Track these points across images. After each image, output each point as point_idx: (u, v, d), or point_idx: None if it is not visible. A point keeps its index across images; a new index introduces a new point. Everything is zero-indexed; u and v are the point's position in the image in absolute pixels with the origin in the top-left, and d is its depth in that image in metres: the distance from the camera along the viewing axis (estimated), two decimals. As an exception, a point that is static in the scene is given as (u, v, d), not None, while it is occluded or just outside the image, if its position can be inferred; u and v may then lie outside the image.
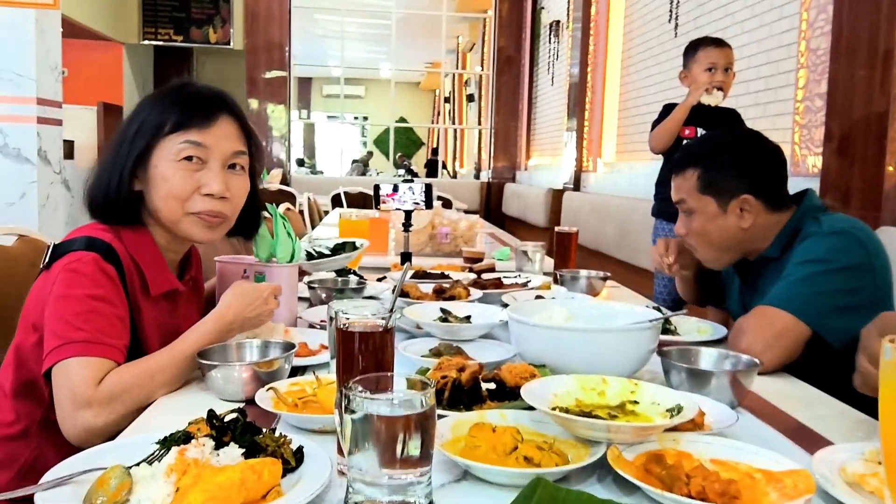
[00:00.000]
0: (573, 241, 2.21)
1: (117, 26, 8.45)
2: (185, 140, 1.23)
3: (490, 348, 1.38)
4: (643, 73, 5.43)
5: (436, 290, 1.68)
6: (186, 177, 1.23)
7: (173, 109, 1.24)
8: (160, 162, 1.23)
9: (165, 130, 1.23)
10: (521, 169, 9.05)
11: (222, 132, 1.26)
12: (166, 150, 1.23)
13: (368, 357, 0.85)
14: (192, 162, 1.23)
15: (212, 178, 1.24)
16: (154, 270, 1.26)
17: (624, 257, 4.64)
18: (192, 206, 1.24)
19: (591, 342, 1.18)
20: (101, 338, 1.11)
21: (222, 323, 1.21)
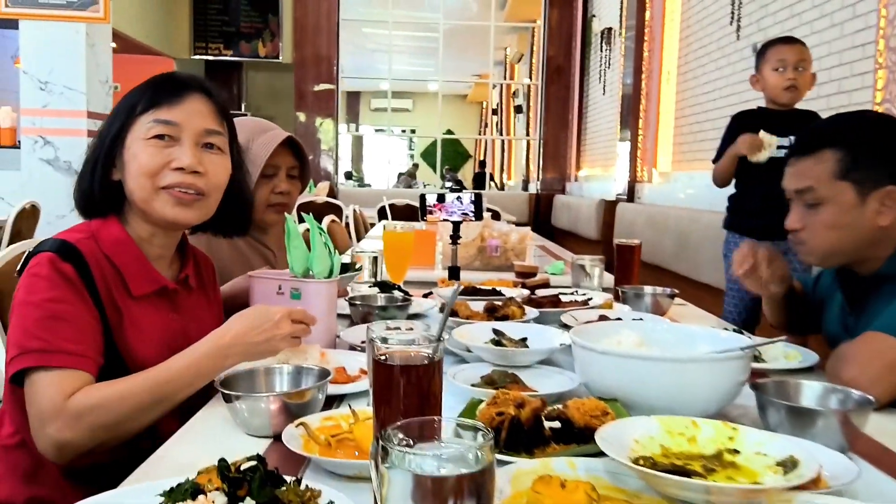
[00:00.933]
0: (636, 255, 2.03)
1: (169, 42, 8.57)
2: (155, 119, 1.18)
3: (550, 376, 1.22)
4: (702, 79, 5.20)
5: (487, 309, 1.53)
6: (155, 153, 1.17)
7: (145, 92, 1.20)
8: (132, 143, 1.18)
9: (137, 111, 1.19)
10: (571, 180, 8.84)
11: (192, 108, 1.21)
12: (137, 130, 1.18)
13: (411, 394, 0.71)
14: (163, 140, 1.18)
15: (182, 153, 1.18)
16: (134, 269, 1.18)
17: (683, 271, 4.41)
18: (162, 180, 1.17)
19: (674, 373, 1.01)
20: (61, 345, 1.05)
21: (217, 346, 1.10)
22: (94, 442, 1.03)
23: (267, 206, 1.81)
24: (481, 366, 1.25)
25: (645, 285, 1.96)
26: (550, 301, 1.64)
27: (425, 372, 0.70)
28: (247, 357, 1.12)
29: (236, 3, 8.82)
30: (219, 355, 1.10)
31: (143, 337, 1.17)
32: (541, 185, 9.04)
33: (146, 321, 1.18)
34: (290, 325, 1.14)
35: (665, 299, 1.90)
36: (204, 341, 1.11)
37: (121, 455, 1.13)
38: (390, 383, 0.70)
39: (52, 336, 1.05)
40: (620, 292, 1.92)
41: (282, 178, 1.82)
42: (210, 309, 1.36)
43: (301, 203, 6.52)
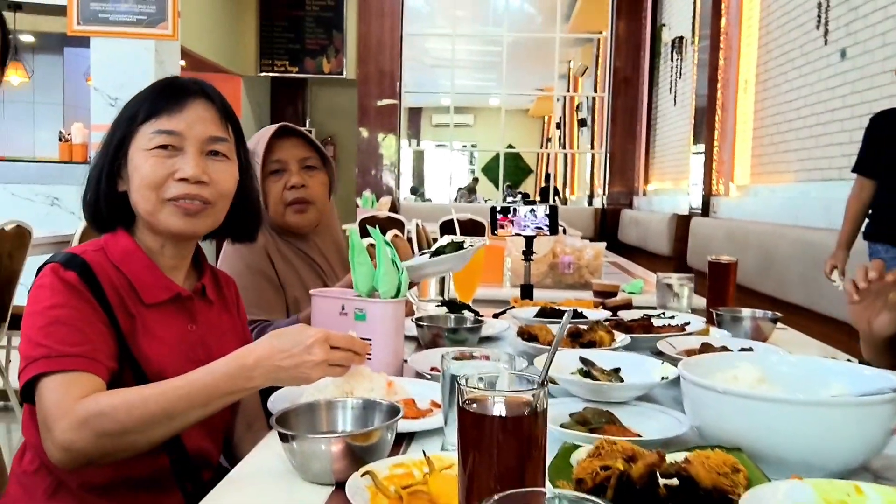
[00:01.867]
0: (731, 274, 1.83)
1: (236, 59, 8.69)
2: (156, 129, 1.11)
3: (652, 417, 1.05)
4: (783, 87, 4.92)
5: (571, 334, 1.36)
6: (158, 163, 1.11)
7: (145, 100, 1.14)
8: (135, 154, 1.12)
9: (138, 121, 1.12)
10: (639, 194, 8.56)
11: (195, 116, 1.13)
12: (139, 141, 1.12)
13: (509, 453, 0.55)
14: (165, 150, 1.11)
15: (186, 163, 1.11)
16: (145, 277, 1.12)
17: (769, 290, 4.14)
18: (166, 192, 1.11)
19: (812, 419, 0.83)
20: (64, 349, 0.99)
21: (240, 366, 0.99)
22: (100, 451, 0.95)
23: (285, 205, 1.69)
24: (570, 401, 1.09)
25: (743, 307, 1.76)
26: (641, 325, 1.46)
27: (527, 425, 0.55)
28: (274, 382, 1.01)
29: (302, 21, 8.89)
30: (240, 376, 0.99)
31: (158, 345, 1.10)
32: (607, 199, 8.79)
33: (162, 329, 1.11)
34: (326, 352, 1.00)
35: (766, 323, 1.70)
36: (227, 359, 1.00)
37: (142, 471, 1.06)
38: (481, 437, 0.55)
39: (53, 341, 0.99)
40: (715, 315, 1.73)
41: (293, 171, 1.69)
42: (234, 327, 1.27)
43: (363, 218, 6.48)
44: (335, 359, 1.02)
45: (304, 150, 1.72)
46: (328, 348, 1.01)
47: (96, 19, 5.32)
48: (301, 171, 1.70)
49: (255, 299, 1.60)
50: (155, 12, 5.41)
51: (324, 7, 8.87)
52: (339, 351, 1.02)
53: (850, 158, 3.95)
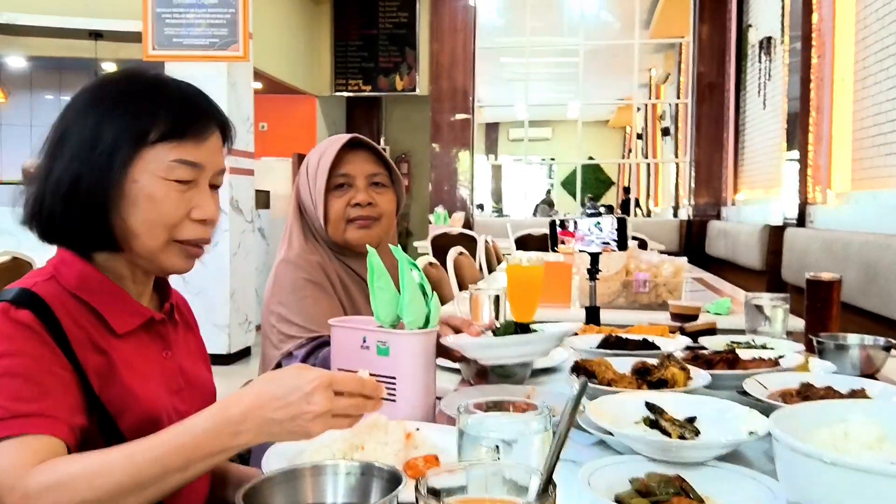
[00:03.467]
0: (835, 294, 1.56)
1: (311, 80, 8.78)
2: (180, 159, 0.97)
3: (736, 483, 0.82)
4: (885, 84, 4.49)
5: (637, 370, 1.14)
6: (178, 199, 0.97)
7: (160, 113, 0.96)
8: (142, 176, 0.96)
9: (150, 139, 0.95)
10: (728, 204, 8.09)
11: (214, 147, 1.01)
12: (151, 163, 0.96)
13: None
14: (185, 184, 0.98)
15: (204, 201, 0.98)
16: (113, 302, 0.97)
17: (874, 307, 3.73)
18: (181, 232, 0.98)
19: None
20: (15, 408, 0.83)
21: (222, 420, 0.81)
22: None
23: (346, 222, 1.54)
24: (630, 461, 0.87)
25: (847, 333, 1.49)
26: (724, 359, 1.22)
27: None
28: (267, 438, 0.83)
29: (375, 39, 8.91)
30: (225, 432, 0.81)
31: (142, 381, 0.95)
32: (693, 210, 8.36)
33: (141, 360, 0.97)
34: (329, 399, 0.81)
35: (878, 352, 1.43)
36: (208, 412, 0.83)
37: None
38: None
39: (4, 399, 0.83)
40: (815, 343, 1.46)
41: (359, 187, 1.55)
42: (199, 347, 1.15)
43: (435, 234, 6.36)
44: (340, 408, 0.83)
45: (374, 165, 1.59)
46: (332, 395, 0.82)
47: (170, 44, 5.41)
48: (368, 187, 1.57)
49: (313, 312, 1.45)
50: (227, 34, 5.46)
51: (397, 24, 8.87)
52: (346, 398, 0.83)
53: (968, 159, 3.53)
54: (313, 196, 1.54)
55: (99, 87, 1.01)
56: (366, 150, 1.59)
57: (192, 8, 5.34)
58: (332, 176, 1.53)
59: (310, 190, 1.56)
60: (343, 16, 8.87)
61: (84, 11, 5.87)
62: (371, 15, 8.82)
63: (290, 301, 1.45)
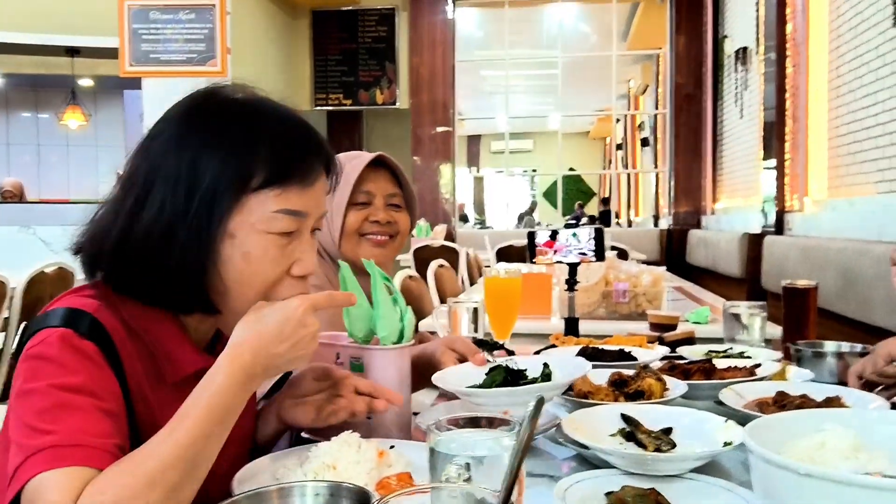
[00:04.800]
0: (811, 301, 1.57)
1: (291, 95, 8.63)
2: (285, 209, 0.84)
3: (712, 495, 0.81)
4: (859, 93, 4.55)
5: (613, 382, 1.13)
6: (278, 255, 0.85)
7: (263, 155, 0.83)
8: (240, 230, 0.83)
9: (253, 185, 0.83)
10: (707, 213, 8.16)
11: (321, 192, 0.90)
12: (252, 214, 0.83)
13: None
14: (287, 237, 0.86)
15: (305, 254, 0.87)
16: (172, 346, 0.87)
17: (851, 313, 3.76)
18: (277, 292, 0.87)
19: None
20: (79, 438, 0.73)
21: (237, 369, 0.80)
22: None
23: (360, 236, 1.52)
24: (606, 475, 0.86)
25: (825, 340, 1.50)
26: (701, 368, 1.21)
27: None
28: (274, 372, 0.85)
29: (355, 53, 8.91)
30: (241, 381, 0.80)
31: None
32: (673, 219, 8.41)
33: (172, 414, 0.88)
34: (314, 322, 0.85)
35: (855, 359, 1.43)
36: (218, 367, 0.80)
37: None
38: None
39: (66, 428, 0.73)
40: (793, 350, 1.46)
41: (378, 205, 1.54)
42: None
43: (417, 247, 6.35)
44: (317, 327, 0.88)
45: (393, 185, 1.58)
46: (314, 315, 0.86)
47: (147, 60, 5.38)
48: (386, 207, 1.56)
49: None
50: (204, 50, 5.44)
51: (376, 38, 8.88)
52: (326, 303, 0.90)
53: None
54: (329, 208, 1.53)
55: (192, 115, 0.88)
56: (385, 169, 1.58)
57: (168, 24, 5.32)
58: (354, 192, 1.52)
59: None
60: (322, 30, 8.88)
61: (60, 28, 5.83)
62: (350, 29, 8.83)
63: None
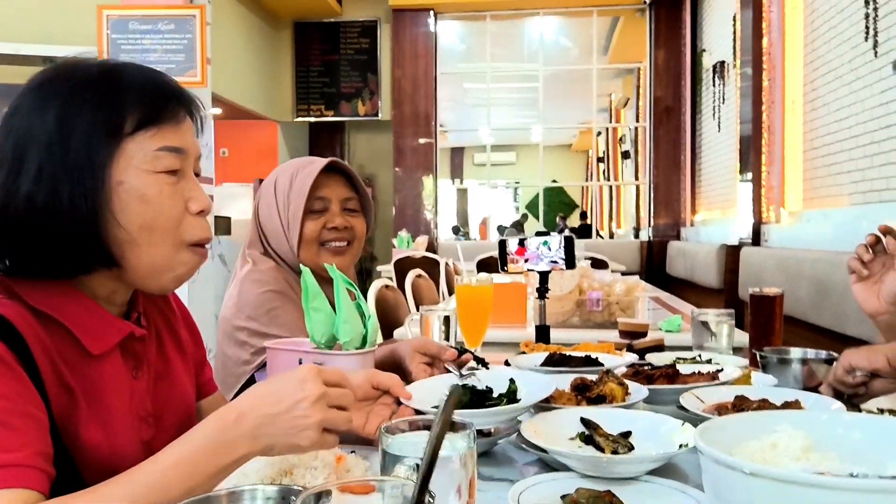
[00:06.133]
0: (777, 308, 1.58)
1: (273, 106, 8.76)
2: (164, 146, 0.85)
3: (666, 497, 0.82)
4: (833, 106, 4.62)
5: (575, 387, 1.14)
6: (172, 192, 0.85)
7: (131, 101, 0.84)
8: (127, 176, 0.83)
9: (126, 131, 0.83)
10: (686, 225, 8.22)
11: (190, 129, 0.90)
12: (134, 158, 0.83)
13: None
14: (174, 176, 0.86)
15: (193, 189, 0.87)
16: (87, 319, 0.84)
17: (825, 323, 3.80)
18: (188, 233, 0.87)
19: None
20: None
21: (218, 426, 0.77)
22: None
23: (319, 245, 1.53)
24: (563, 478, 0.86)
25: (791, 347, 1.51)
26: (665, 374, 1.22)
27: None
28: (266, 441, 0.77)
29: (337, 65, 8.93)
30: (221, 440, 0.76)
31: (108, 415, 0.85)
32: (653, 231, 8.47)
33: (109, 388, 0.86)
34: (322, 387, 0.78)
35: (820, 366, 1.44)
36: (204, 422, 0.78)
37: None
38: None
39: None
40: (759, 357, 1.47)
41: (335, 211, 1.54)
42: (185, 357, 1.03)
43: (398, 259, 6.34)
44: (333, 396, 0.79)
45: (348, 190, 1.59)
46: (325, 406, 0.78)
47: (126, 70, 5.35)
48: (342, 212, 1.57)
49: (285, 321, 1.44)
50: (183, 60, 5.42)
51: (358, 50, 8.91)
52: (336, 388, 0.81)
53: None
54: (285, 218, 1.53)
55: (47, 83, 0.86)
56: (339, 174, 1.58)
57: (147, 34, 5.30)
58: (308, 199, 1.52)
59: (278, 211, 1.54)
60: (304, 41, 8.90)
61: (38, 38, 5.79)
62: (332, 41, 8.86)
63: (259, 315, 1.43)
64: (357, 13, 8.79)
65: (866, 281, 1.25)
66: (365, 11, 8.78)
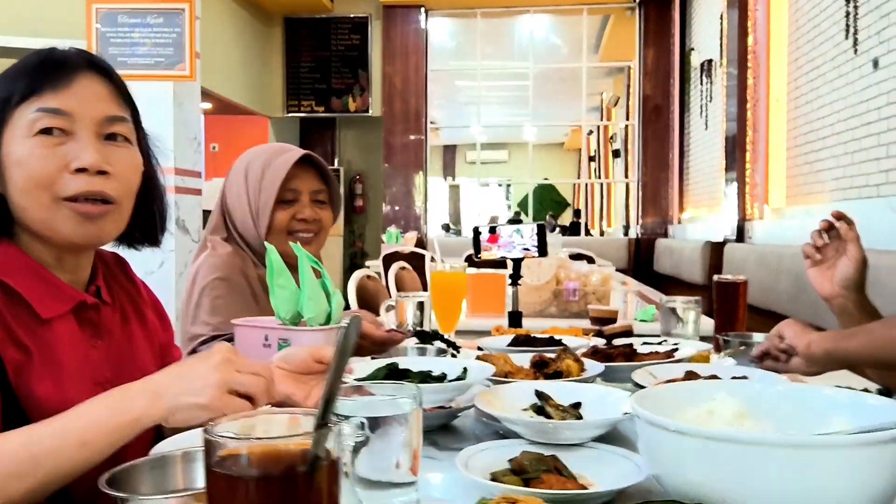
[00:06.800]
0: (741, 295, 1.62)
1: (263, 101, 8.77)
2: (39, 108, 0.90)
3: (609, 461, 0.85)
4: (816, 104, 4.68)
5: (534, 363, 1.17)
6: (47, 154, 0.90)
7: (17, 78, 0.92)
8: (11, 144, 0.90)
9: (12, 103, 0.91)
10: (674, 222, 8.28)
11: (87, 93, 0.93)
12: (17, 127, 0.91)
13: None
14: (52, 135, 0.91)
15: (81, 149, 0.90)
16: (39, 286, 0.90)
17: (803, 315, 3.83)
18: (63, 188, 0.90)
19: (795, 465, 0.63)
20: None
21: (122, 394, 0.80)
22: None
23: (287, 234, 1.55)
24: (515, 444, 0.90)
25: (754, 332, 1.55)
26: (622, 353, 1.26)
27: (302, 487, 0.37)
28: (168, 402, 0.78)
29: (328, 61, 8.94)
30: (119, 398, 0.78)
31: (63, 372, 0.90)
32: (641, 229, 8.53)
33: (66, 350, 0.91)
34: (233, 374, 0.79)
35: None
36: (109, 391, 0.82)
37: None
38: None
39: None
40: (722, 341, 1.51)
41: (305, 203, 1.58)
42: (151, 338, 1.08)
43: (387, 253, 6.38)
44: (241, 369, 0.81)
45: (318, 182, 1.62)
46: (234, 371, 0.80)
47: (115, 63, 5.25)
48: (311, 203, 1.60)
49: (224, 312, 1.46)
50: (172, 54, 5.43)
51: (349, 46, 8.92)
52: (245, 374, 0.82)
53: (888, 174, 3.69)
54: (255, 205, 1.55)
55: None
56: (311, 166, 1.61)
57: (136, 27, 5.31)
58: (280, 189, 1.55)
59: (248, 197, 1.57)
60: (295, 37, 8.90)
61: (27, 31, 5.78)
62: (323, 37, 8.87)
63: (202, 301, 1.46)
64: (348, 9, 8.80)
65: (820, 266, 1.29)
66: (356, 8, 8.80)
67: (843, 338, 1.15)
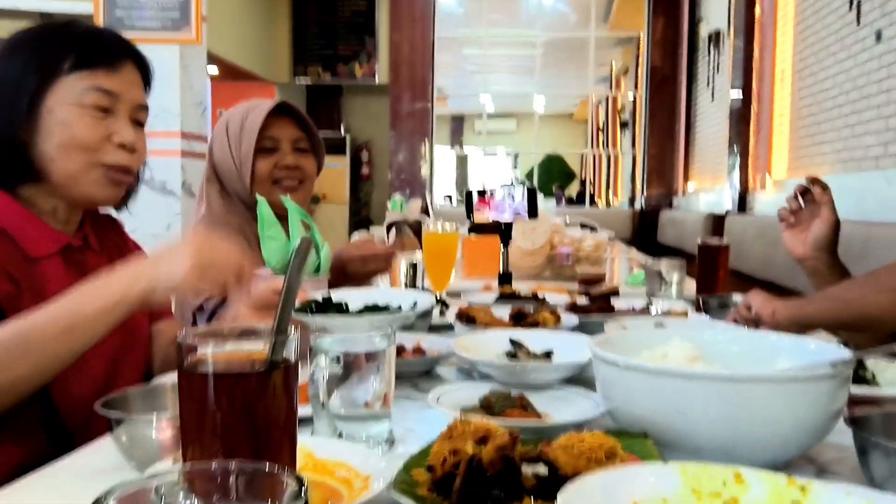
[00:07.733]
0: (722, 258, 1.67)
1: (270, 67, 8.76)
2: (93, 86, 1.03)
3: (571, 401, 0.92)
4: (820, 76, 4.66)
5: (513, 316, 1.23)
6: (94, 123, 1.03)
7: (68, 46, 1.05)
8: (58, 106, 1.03)
9: (64, 68, 1.02)
10: (679, 194, 8.29)
11: (131, 79, 1.08)
12: (66, 92, 1.03)
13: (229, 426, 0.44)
14: (100, 111, 1.04)
15: (122, 127, 1.04)
16: (28, 228, 1.01)
17: (801, 287, 3.89)
18: (103, 156, 1.04)
19: (731, 399, 0.69)
20: None
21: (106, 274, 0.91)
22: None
23: (272, 183, 1.61)
24: (482, 385, 0.96)
25: (734, 293, 1.60)
26: (600, 308, 1.31)
27: (257, 386, 0.43)
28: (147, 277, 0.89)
29: (335, 27, 8.91)
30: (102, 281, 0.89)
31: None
32: (645, 200, 8.54)
33: (54, 288, 0.99)
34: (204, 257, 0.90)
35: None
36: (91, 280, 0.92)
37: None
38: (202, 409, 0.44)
39: None
40: (702, 301, 1.57)
41: (286, 150, 1.63)
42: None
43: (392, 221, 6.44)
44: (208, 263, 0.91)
45: (298, 130, 1.67)
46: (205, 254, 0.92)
47: (121, 25, 5.36)
48: (293, 151, 1.65)
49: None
50: (179, 17, 5.44)
51: (356, 12, 8.88)
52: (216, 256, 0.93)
53: (886, 147, 3.70)
54: (237, 157, 1.61)
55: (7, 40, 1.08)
56: (290, 117, 1.66)
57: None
58: (259, 138, 1.60)
59: (231, 151, 1.62)
60: (302, 2, 8.86)
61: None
62: (330, 3, 8.82)
63: None
64: (355, -25, 8.75)
65: (794, 228, 1.34)
66: (364, -27, 8.74)
67: (805, 304, 1.20)
